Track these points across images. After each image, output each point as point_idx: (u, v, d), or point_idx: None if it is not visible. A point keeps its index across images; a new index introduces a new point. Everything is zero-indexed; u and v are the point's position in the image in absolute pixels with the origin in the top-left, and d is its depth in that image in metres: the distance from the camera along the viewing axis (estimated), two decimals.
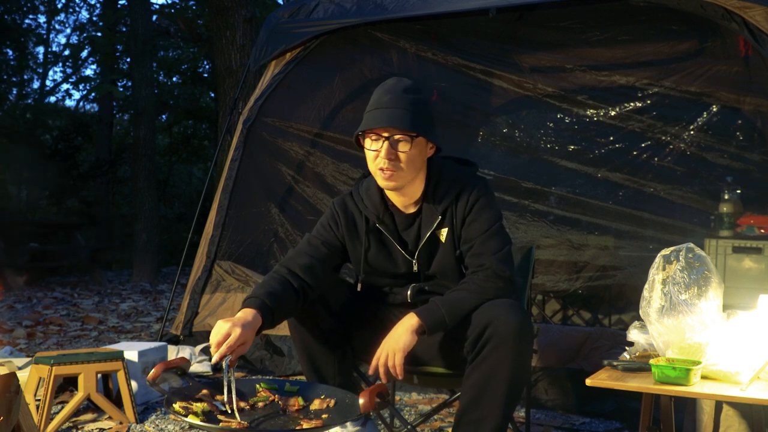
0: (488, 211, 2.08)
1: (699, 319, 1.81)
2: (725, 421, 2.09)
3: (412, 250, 2.14)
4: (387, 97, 2.01)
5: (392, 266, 2.16)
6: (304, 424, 1.68)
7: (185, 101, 13.93)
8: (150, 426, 2.87)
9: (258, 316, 1.90)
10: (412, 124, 1.98)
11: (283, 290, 2.01)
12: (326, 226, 2.20)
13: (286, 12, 4.14)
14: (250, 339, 1.86)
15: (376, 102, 2.04)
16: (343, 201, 2.21)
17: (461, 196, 2.08)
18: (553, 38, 4.00)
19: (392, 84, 2.05)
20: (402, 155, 1.99)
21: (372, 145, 2.03)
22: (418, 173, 2.07)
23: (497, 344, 1.89)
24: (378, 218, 2.14)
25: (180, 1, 11.32)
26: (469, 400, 1.95)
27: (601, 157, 3.93)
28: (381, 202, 2.14)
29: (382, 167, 2.00)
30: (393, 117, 1.98)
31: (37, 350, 4.33)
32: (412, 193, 2.10)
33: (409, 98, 2.01)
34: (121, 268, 10.89)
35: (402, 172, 2.01)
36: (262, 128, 4.20)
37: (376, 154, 2.01)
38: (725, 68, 3.66)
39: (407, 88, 2.02)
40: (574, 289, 3.89)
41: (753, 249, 3.12)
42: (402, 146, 1.99)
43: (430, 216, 2.10)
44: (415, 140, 2.00)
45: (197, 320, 4.04)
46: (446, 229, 2.10)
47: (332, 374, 2.12)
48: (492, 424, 1.93)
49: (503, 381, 1.90)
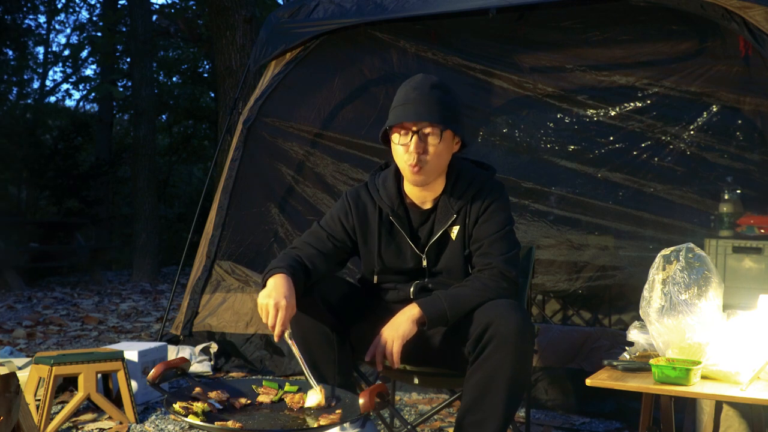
0: (501, 213, 2.11)
1: (699, 319, 1.81)
2: (725, 421, 2.09)
3: (423, 245, 2.16)
4: (415, 93, 2.03)
5: (401, 260, 2.18)
6: (321, 420, 1.67)
7: (185, 101, 13.93)
8: (150, 426, 2.87)
9: (288, 279, 1.94)
10: (441, 118, 2.01)
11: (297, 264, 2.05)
12: (335, 218, 2.21)
13: (286, 12, 4.14)
14: (293, 303, 1.90)
15: (403, 98, 2.06)
16: (357, 192, 2.23)
17: (478, 196, 2.11)
18: (553, 38, 4.00)
19: (419, 80, 2.07)
20: (431, 149, 2.02)
21: (401, 139, 2.05)
22: (445, 168, 2.10)
23: (499, 345, 1.89)
24: (392, 210, 2.15)
25: (180, 1, 11.32)
26: (471, 401, 1.95)
27: (601, 157, 3.93)
28: (397, 195, 2.16)
29: (411, 163, 2.03)
30: (421, 111, 2.01)
31: (37, 350, 4.33)
32: (434, 189, 2.13)
33: (436, 94, 2.03)
34: (121, 268, 10.90)
35: (430, 166, 2.04)
36: (262, 128, 4.21)
37: (406, 148, 2.03)
38: (725, 68, 3.66)
39: (434, 84, 2.05)
40: (574, 289, 3.88)
41: (753, 249, 3.12)
42: (431, 140, 2.02)
43: (445, 213, 2.13)
44: (444, 134, 2.03)
45: (197, 320, 4.04)
46: (458, 227, 2.13)
47: (332, 374, 2.11)
48: (494, 425, 1.92)
49: (505, 382, 1.90)
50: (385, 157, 2.32)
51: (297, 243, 2.19)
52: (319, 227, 2.22)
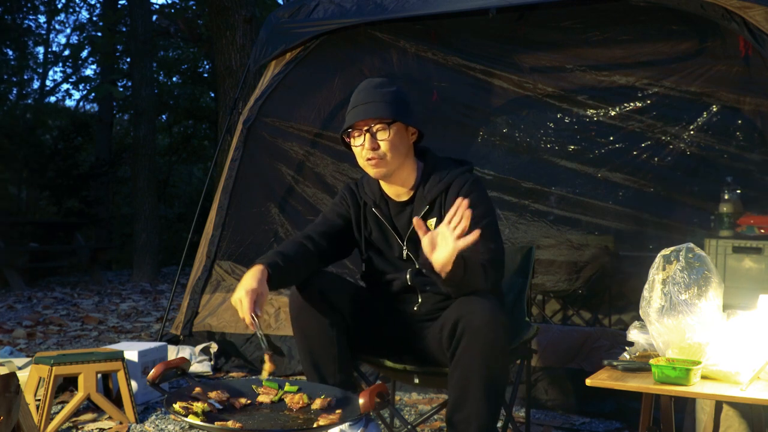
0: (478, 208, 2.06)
1: (699, 319, 1.81)
2: (725, 421, 2.08)
3: (404, 236, 2.22)
4: (361, 95, 2.16)
5: (389, 250, 2.25)
6: (321, 421, 1.67)
7: (185, 101, 13.93)
8: (150, 426, 2.87)
9: (264, 269, 2.02)
10: (387, 112, 2.11)
11: (295, 250, 2.14)
12: (338, 203, 2.34)
13: (286, 12, 4.13)
14: (263, 290, 1.99)
15: (352, 103, 2.18)
16: (350, 186, 2.37)
17: (452, 188, 2.15)
18: (553, 38, 4.00)
19: (365, 83, 2.19)
20: (383, 143, 2.12)
21: (356, 141, 2.16)
22: (404, 159, 2.17)
23: (470, 340, 1.90)
24: (374, 203, 2.26)
25: (180, 1, 11.32)
26: (454, 401, 1.97)
27: (601, 157, 3.93)
28: (378, 189, 2.26)
29: (368, 158, 2.13)
30: (368, 110, 2.12)
31: (37, 350, 4.33)
32: (403, 181, 2.21)
33: (381, 91, 2.14)
34: (121, 268, 10.90)
35: (386, 159, 2.12)
36: (262, 128, 4.20)
37: (361, 148, 2.14)
38: (725, 68, 3.66)
39: (379, 84, 2.16)
40: (574, 289, 3.89)
41: (753, 249, 3.12)
42: (381, 134, 2.12)
43: (420, 204, 2.19)
44: (392, 126, 2.11)
45: (197, 320, 4.04)
46: (435, 219, 2.17)
47: (332, 371, 2.12)
48: (479, 421, 1.93)
49: (480, 377, 1.91)
50: None
51: (306, 229, 2.28)
52: (326, 211, 2.35)
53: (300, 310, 2.14)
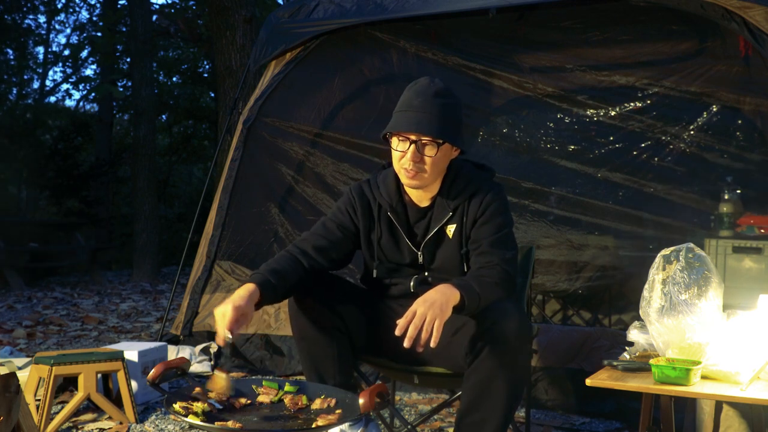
0: (500, 216, 2.11)
1: (699, 319, 1.81)
2: (725, 421, 2.09)
3: (419, 242, 2.17)
4: (417, 101, 2.02)
5: (398, 255, 2.19)
6: (321, 421, 1.67)
7: (185, 101, 13.93)
8: (150, 426, 2.87)
9: (257, 290, 1.94)
10: (440, 131, 2.01)
11: (289, 267, 2.06)
12: (343, 210, 2.23)
13: (286, 12, 4.13)
14: (249, 311, 1.89)
15: (406, 103, 2.05)
16: (360, 187, 2.25)
17: (475, 196, 2.12)
18: (553, 38, 4.00)
19: (424, 86, 2.05)
20: (428, 159, 2.03)
21: (399, 145, 2.06)
22: (441, 174, 2.11)
23: (497, 346, 1.89)
24: (391, 207, 2.17)
25: (180, 1, 11.32)
26: (470, 402, 1.95)
27: (601, 157, 3.93)
28: (396, 192, 2.18)
29: (406, 167, 2.04)
30: (421, 123, 2.00)
31: (37, 350, 4.33)
32: (431, 189, 2.15)
33: (438, 103, 2.02)
34: (121, 268, 10.90)
35: (426, 174, 2.05)
36: (262, 128, 4.20)
37: (402, 155, 2.04)
38: (725, 68, 3.66)
39: (438, 92, 2.03)
40: (574, 289, 3.88)
41: (753, 249, 3.12)
42: (428, 151, 2.03)
43: (442, 211, 2.14)
44: (441, 146, 2.03)
45: (197, 320, 4.04)
46: (455, 225, 2.13)
47: (332, 372, 2.11)
48: (492, 426, 1.93)
49: (503, 383, 1.90)
50: (385, 157, 2.33)
51: (305, 235, 2.21)
52: (327, 219, 2.24)
53: (299, 312, 2.13)
